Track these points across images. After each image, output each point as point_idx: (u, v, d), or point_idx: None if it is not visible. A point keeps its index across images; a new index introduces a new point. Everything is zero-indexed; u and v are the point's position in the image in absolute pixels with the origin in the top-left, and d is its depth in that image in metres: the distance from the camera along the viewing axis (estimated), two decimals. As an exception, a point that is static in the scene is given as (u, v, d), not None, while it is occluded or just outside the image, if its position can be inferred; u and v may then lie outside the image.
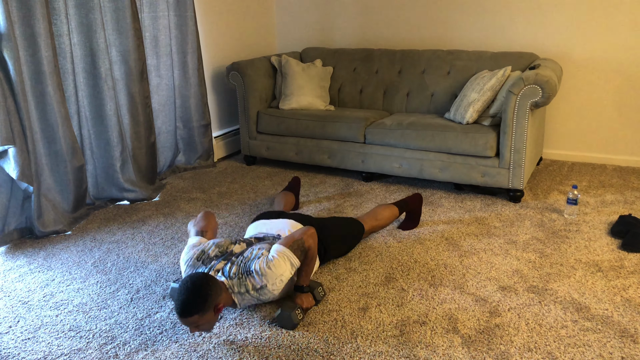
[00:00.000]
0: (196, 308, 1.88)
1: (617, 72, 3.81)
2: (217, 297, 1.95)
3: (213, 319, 1.96)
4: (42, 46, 2.83)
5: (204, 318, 1.92)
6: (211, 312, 1.94)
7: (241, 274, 2.07)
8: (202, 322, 1.92)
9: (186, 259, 2.21)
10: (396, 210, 2.92)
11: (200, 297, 1.89)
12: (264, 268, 2.05)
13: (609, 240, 2.77)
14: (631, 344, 1.94)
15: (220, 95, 4.42)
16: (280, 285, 2.09)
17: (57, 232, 3.01)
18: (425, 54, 4.03)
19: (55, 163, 3.04)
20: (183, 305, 1.87)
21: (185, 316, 1.88)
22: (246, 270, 2.07)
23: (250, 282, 2.06)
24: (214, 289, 1.94)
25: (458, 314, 2.16)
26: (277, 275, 2.06)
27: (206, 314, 1.91)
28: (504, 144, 3.20)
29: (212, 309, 1.93)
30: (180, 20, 3.73)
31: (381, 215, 2.85)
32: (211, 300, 1.92)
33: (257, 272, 2.06)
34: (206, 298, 1.90)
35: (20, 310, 2.27)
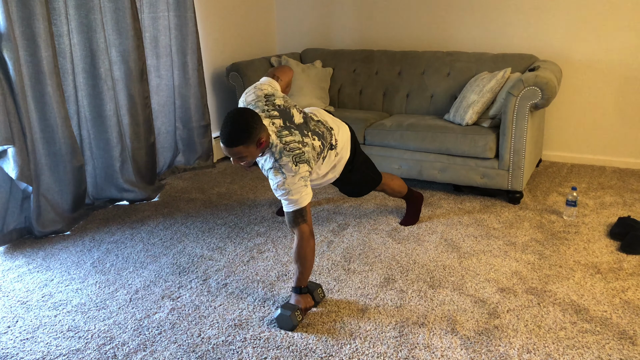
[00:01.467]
0: (241, 139, 2.01)
1: (616, 74, 3.81)
2: (260, 132, 2.06)
3: (256, 152, 2.09)
4: (42, 46, 2.83)
5: (248, 150, 2.05)
6: (254, 146, 2.06)
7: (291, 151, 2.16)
8: (246, 153, 2.06)
9: (253, 88, 2.31)
10: (406, 188, 3.00)
11: (247, 130, 2.01)
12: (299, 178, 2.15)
13: (608, 242, 2.77)
14: (630, 346, 1.95)
15: (220, 95, 4.42)
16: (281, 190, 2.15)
17: (56, 232, 3.01)
18: (425, 55, 4.03)
19: (54, 163, 3.04)
20: (229, 135, 2.01)
21: (231, 146, 2.02)
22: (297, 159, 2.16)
23: (287, 163, 2.14)
24: (259, 125, 2.06)
25: (457, 315, 2.16)
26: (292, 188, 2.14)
27: (250, 147, 2.04)
28: (503, 145, 3.21)
29: (255, 143, 2.05)
30: (180, 20, 3.73)
31: (396, 180, 2.95)
32: (255, 134, 2.03)
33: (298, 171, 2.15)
34: (251, 132, 2.02)
35: (19, 311, 2.27)
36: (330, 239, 2.87)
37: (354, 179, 2.68)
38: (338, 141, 2.48)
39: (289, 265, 2.60)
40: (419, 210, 3.06)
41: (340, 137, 2.51)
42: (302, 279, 2.18)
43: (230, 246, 2.83)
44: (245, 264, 2.63)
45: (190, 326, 2.13)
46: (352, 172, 2.62)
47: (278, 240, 2.89)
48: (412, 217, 3.04)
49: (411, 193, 3.04)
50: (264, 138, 2.09)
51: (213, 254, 2.75)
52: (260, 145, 2.08)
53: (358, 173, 2.68)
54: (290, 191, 2.15)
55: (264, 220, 3.14)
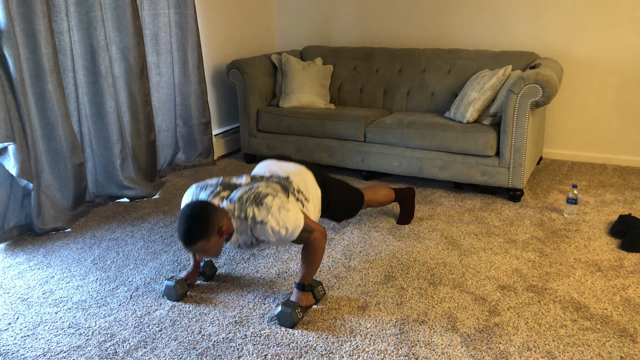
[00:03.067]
0: (199, 234, 1.87)
1: (617, 72, 3.81)
2: (218, 221, 1.92)
3: (219, 242, 1.94)
4: (42, 43, 2.82)
5: (210, 243, 1.91)
6: (216, 236, 1.92)
7: (248, 199, 2.00)
8: (209, 247, 1.92)
9: (188, 193, 2.18)
10: (392, 193, 2.92)
11: (202, 223, 1.88)
12: (276, 208, 1.98)
13: (609, 239, 2.77)
14: (630, 344, 1.95)
15: (220, 93, 4.42)
16: (277, 235, 2.01)
17: (56, 229, 3.01)
18: (425, 52, 4.03)
19: (55, 160, 3.04)
20: (186, 233, 1.87)
21: (191, 244, 1.88)
22: (256, 199, 2.00)
23: (253, 211, 1.98)
24: (214, 213, 1.92)
25: (457, 312, 2.16)
26: (282, 224, 1.99)
27: (211, 239, 1.90)
28: (504, 143, 3.20)
29: (216, 233, 1.92)
30: (181, 17, 3.72)
31: (380, 191, 2.85)
32: (213, 225, 1.90)
33: (267, 206, 1.98)
34: (208, 224, 1.89)
35: (20, 307, 2.27)
36: (330, 237, 2.87)
37: (335, 208, 2.52)
38: (300, 185, 2.26)
39: (289, 263, 2.60)
40: (413, 205, 3.01)
41: (300, 180, 2.29)
42: (308, 276, 2.17)
43: (231, 243, 2.83)
44: (245, 262, 2.63)
45: (190, 323, 2.13)
46: (329, 205, 2.46)
47: (278, 237, 2.89)
48: (407, 214, 3.01)
49: (400, 193, 2.97)
50: (225, 225, 1.95)
51: (213, 251, 2.75)
52: (222, 233, 1.93)
53: (337, 203, 2.51)
54: (281, 229, 2.00)
55: (264, 218, 3.14)
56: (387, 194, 2.89)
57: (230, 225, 2.00)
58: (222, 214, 1.97)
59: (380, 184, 2.94)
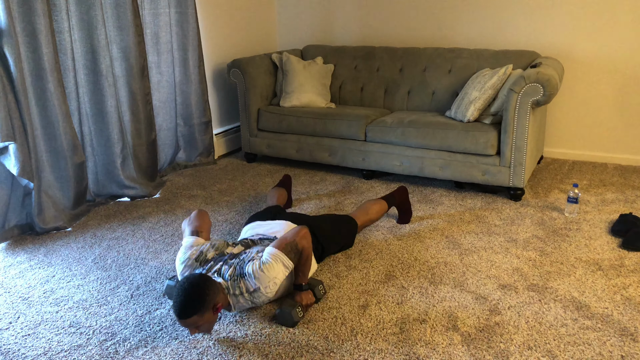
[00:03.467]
0: (194, 309, 1.87)
1: (618, 71, 3.80)
2: (214, 297, 1.94)
3: (212, 319, 1.96)
4: (43, 43, 2.82)
5: (203, 319, 1.91)
6: (210, 313, 1.93)
7: (236, 276, 2.07)
8: (202, 322, 1.92)
9: (183, 259, 2.20)
10: (384, 204, 2.93)
11: (199, 298, 1.88)
12: (257, 271, 2.05)
13: (610, 238, 2.77)
14: (631, 343, 1.94)
15: (221, 92, 4.42)
16: (274, 288, 2.09)
17: (57, 228, 3.01)
18: (426, 51, 4.02)
19: (55, 160, 3.04)
20: (181, 306, 1.87)
21: (184, 318, 1.88)
22: (240, 273, 2.07)
23: (244, 285, 2.06)
24: (212, 289, 1.94)
25: (458, 312, 2.16)
26: (270, 278, 2.06)
27: (205, 315, 1.91)
28: (505, 142, 3.20)
29: (211, 309, 1.93)
30: (181, 17, 3.72)
31: (371, 209, 2.87)
32: (209, 301, 1.91)
33: (249, 274, 2.05)
34: (204, 299, 1.89)
35: (21, 307, 2.28)
36: (331, 236, 2.87)
37: (329, 249, 2.55)
38: None
39: (290, 262, 2.60)
40: (408, 204, 3.00)
41: None
42: (303, 276, 2.18)
43: (232, 243, 2.83)
44: (246, 261, 2.63)
45: (191, 322, 2.14)
46: (323, 251, 2.50)
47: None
48: (405, 213, 3.00)
49: (393, 198, 2.97)
50: (220, 301, 1.98)
51: (214, 250, 2.75)
52: (217, 310, 1.95)
53: (330, 244, 2.54)
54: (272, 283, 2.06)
55: (265, 217, 3.14)
56: (380, 209, 2.90)
57: (225, 302, 2.05)
58: (219, 289, 2.00)
59: (369, 201, 2.92)
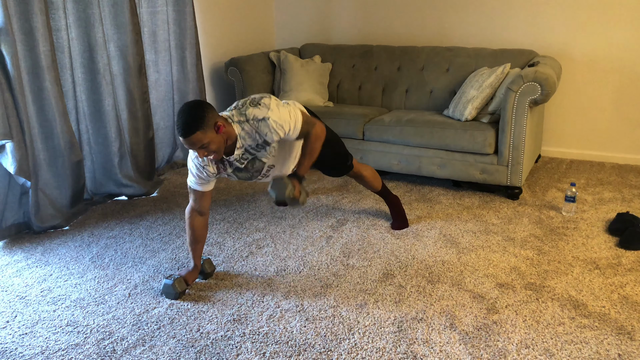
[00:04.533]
0: (196, 125, 1.96)
1: (616, 70, 3.81)
2: (214, 116, 2.02)
3: (217, 138, 2.03)
4: (40, 41, 2.81)
5: (207, 136, 1.99)
6: (212, 131, 2.01)
7: (243, 104, 2.13)
8: (207, 140, 2.00)
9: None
10: (380, 182, 2.90)
11: (198, 115, 1.98)
12: (275, 106, 2.12)
13: (607, 237, 2.77)
14: (628, 341, 1.95)
15: (218, 91, 4.41)
16: (279, 128, 2.12)
17: (54, 227, 3.01)
18: (424, 50, 4.02)
19: (53, 158, 3.03)
20: (183, 125, 1.97)
21: (188, 134, 1.97)
22: (253, 101, 2.13)
23: (253, 112, 2.11)
24: (209, 109, 2.02)
25: (456, 310, 2.16)
26: (283, 117, 2.11)
27: (208, 132, 1.99)
28: (502, 141, 3.20)
29: (213, 127, 2.01)
30: (179, 15, 3.71)
31: (369, 168, 2.87)
32: (208, 117, 2.00)
33: (266, 104, 2.11)
34: (203, 115, 1.98)
35: (18, 305, 2.27)
36: (329, 234, 2.87)
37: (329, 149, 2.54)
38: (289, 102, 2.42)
39: (288, 261, 2.60)
40: (402, 210, 2.95)
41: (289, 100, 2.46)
42: (304, 169, 2.24)
43: (229, 241, 2.83)
44: (244, 259, 2.63)
45: (189, 321, 2.13)
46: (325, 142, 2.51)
47: (277, 235, 2.89)
48: (398, 219, 2.94)
49: (387, 191, 2.95)
50: (221, 121, 2.06)
51: (212, 249, 2.75)
52: (219, 129, 2.04)
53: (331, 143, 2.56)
54: (283, 123, 2.12)
55: (262, 216, 3.14)
56: (375, 178, 2.88)
57: (228, 127, 2.10)
58: (217, 114, 2.07)
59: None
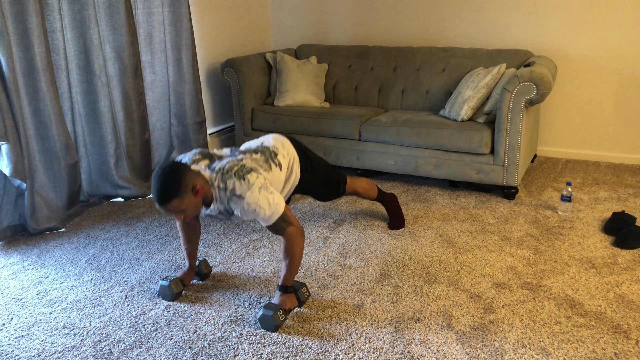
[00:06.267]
0: (172, 193, 1.86)
1: (611, 70, 3.82)
2: (191, 180, 1.91)
3: (195, 202, 1.92)
4: (35, 42, 2.81)
5: (184, 202, 1.89)
6: (190, 195, 1.90)
7: (229, 171, 2.00)
8: (184, 206, 1.90)
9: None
10: (375, 190, 2.90)
11: (174, 182, 1.86)
12: (257, 188, 1.98)
13: (603, 237, 2.78)
14: (624, 340, 1.96)
15: (215, 92, 4.41)
16: (251, 211, 2.00)
17: (50, 229, 3.00)
18: (420, 51, 4.03)
19: (48, 160, 3.02)
20: (159, 193, 1.86)
21: (165, 203, 1.86)
22: (240, 172, 2.00)
23: (234, 184, 1.98)
24: (186, 172, 1.91)
25: (452, 310, 2.16)
26: (260, 204, 1.99)
27: (185, 198, 1.88)
28: (498, 141, 3.21)
29: (190, 192, 1.90)
30: (175, 16, 3.71)
31: (362, 180, 2.85)
32: (185, 183, 1.88)
33: (249, 183, 1.98)
34: (179, 182, 1.87)
35: (14, 308, 2.26)
36: (326, 235, 2.87)
37: (318, 172, 2.53)
38: (277, 146, 2.33)
39: (285, 262, 2.60)
40: (399, 209, 2.96)
41: (276, 142, 2.37)
42: (289, 277, 2.14)
43: (226, 242, 2.83)
44: (241, 260, 2.63)
45: (186, 322, 2.13)
46: (312, 165, 2.47)
47: (274, 236, 2.88)
48: (395, 218, 2.95)
49: (383, 194, 2.95)
50: (199, 184, 1.94)
51: (209, 250, 2.75)
52: (197, 193, 1.92)
53: (318, 165, 2.53)
54: (257, 208, 1.99)
55: (259, 217, 3.14)
56: (371, 187, 2.87)
57: (206, 187, 1.99)
58: (196, 175, 1.96)
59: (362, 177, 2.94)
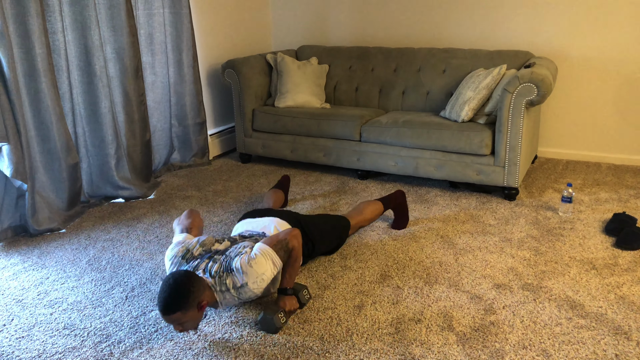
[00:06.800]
0: (178, 305, 1.86)
1: (612, 71, 3.82)
2: (200, 295, 1.92)
3: (197, 316, 1.94)
4: (36, 43, 2.81)
5: (187, 315, 1.89)
6: (194, 310, 1.91)
7: (222, 272, 2.04)
8: (186, 319, 1.90)
9: (170, 256, 2.18)
10: (380, 205, 2.91)
11: (183, 295, 1.87)
12: (245, 265, 2.02)
13: (603, 238, 2.78)
14: (625, 341, 1.96)
15: (215, 92, 4.41)
16: (262, 285, 2.05)
17: (51, 230, 3.00)
18: (421, 52, 4.03)
19: (49, 161, 3.03)
20: (165, 302, 1.85)
21: (168, 314, 1.86)
22: (227, 268, 2.04)
23: (231, 280, 2.02)
24: (197, 286, 1.92)
25: (453, 311, 2.16)
26: (259, 274, 2.03)
27: (189, 312, 1.89)
28: (499, 142, 3.21)
29: (196, 307, 1.91)
30: (176, 17, 3.71)
31: (366, 209, 2.86)
32: (194, 297, 1.89)
33: (237, 269, 2.02)
34: (188, 295, 1.88)
35: (15, 309, 2.26)
36: (326, 236, 2.87)
37: (321, 244, 2.54)
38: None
39: (286, 263, 2.60)
40: (406, 208, 2.96)
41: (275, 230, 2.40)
42: (290, 280, 2.15)
43: (227, 243, 2.83)
44: (241, 261, 2.63)
45: (186, 323, 2.13)
46: (314, 246, 2.50)
47: (274, 237, 2.88)
48: (401, 218, 2.95)
49: (389, 200, 2.95)
50: (205, 299, 1.95)
51: (209, 251, 2.75)
52: (202, 308, 1.93)
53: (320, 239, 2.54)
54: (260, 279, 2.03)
55: (260, 218, 3.14)
56: (375, 209, 2.88)
57: (211, 299, 2.02)
58: (205, 287, 1.98)
59: (365, 202, 2.92)
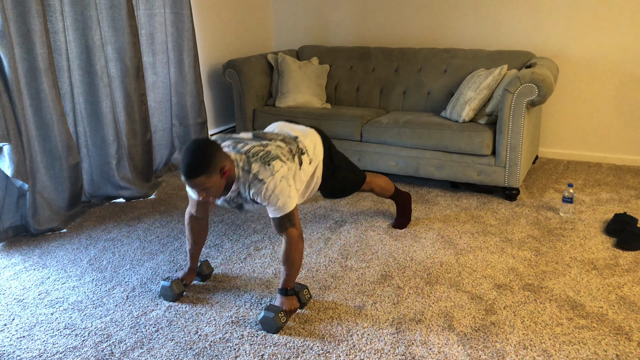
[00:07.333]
0: (202, 168, 1.87)
1: (613, 71, 3.82)
2: (221, 161, 1.93)
3: (220, 182, 1.95)
4: (38, 43, 2.81)
5: (211, 180, 1.91)
6: (217, 175, 1.92)
7: (255, 154, 2.03)
8: (210, 184, 1.91)
9: None
10: (392, 188, 2.91)
11: (206, 157, 1.89)
12: (279, 176, 2.01)
13: (604, 238, 2.78)
14: (626, 342, 1.95)
15: (216, 93, 4.41)
16: (267, 199, 2.02)
17: (52, 229, 3.00)
18: (421, 52, 4.03)
19: (50, 161, 3.03)
20: (189, 166, 1.87)
21: (192, 177, 1.88)
22: (265, 157, 2.03)
23: (258, 168, 2.02)
24: (218, 153, 1.94)
25: (454, 311, 2.16)
26: (277, 191, 2.01)
27: (212, 176, 1.90)
28: (500, 142, 3.21)
29: (219, 172, 1.92)
30: (177, 17, 3.72)
31: (381, 178, 2.86)
32: (216, 162, 1.90)
33: (273, 169, 2.02)
34: (211, 159, 1.89)
35: (15, 308, 2.27)
36: (327, 236, 2.87)
37: (337, 179, 2.55)
38: (307, 146, 2.33)
39: (286, 263, 2.60)
40: (409, 209, 2.98)
41: (309, 142, 2.36)
42: (289, 281, 2.14)
43: (227, 243, 2.83)
44: (242, 262, 2.63)
45: (187, 323, 2.13)
46: (334, 173, 2.50)
47: (275, 237, 2.89)
48: (403, 217, 2.96)
49: (398, 193, 2.96)
50: (228, 166, 1.96)
51: (210, 251, 2.75)
52: (224, 174, 1.94)
53: (340, 173, 2.55)
54: (273, 196, 2.02)
55: (260, 218, 3.14)
56: (388, 184, 2.88)
57: (233, 169, 2.02)
58: (227, 156, 1.99)
59: (381, 175, 2.94)
